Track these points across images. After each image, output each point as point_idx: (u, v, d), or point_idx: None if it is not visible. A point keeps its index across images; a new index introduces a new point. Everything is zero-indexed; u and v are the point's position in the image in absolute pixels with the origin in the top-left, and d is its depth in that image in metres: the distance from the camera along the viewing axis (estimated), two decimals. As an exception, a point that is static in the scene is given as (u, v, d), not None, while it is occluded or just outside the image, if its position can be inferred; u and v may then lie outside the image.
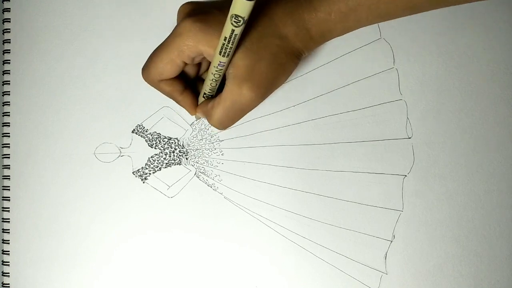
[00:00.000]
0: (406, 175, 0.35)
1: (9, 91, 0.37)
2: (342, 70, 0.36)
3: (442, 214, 0.35)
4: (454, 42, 0.35)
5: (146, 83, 0.30)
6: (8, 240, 0.36)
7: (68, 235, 0.36)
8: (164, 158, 0.36)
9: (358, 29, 0.36)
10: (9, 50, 0.37)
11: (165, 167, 0.36)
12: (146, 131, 0.36)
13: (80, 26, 0.37)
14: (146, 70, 0.30)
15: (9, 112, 0.37)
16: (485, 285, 0.35)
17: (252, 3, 0.23)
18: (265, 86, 0.29)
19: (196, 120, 0.36)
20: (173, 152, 0.36)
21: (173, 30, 0.29)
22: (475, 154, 0.35)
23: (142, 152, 0.36)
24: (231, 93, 0.28)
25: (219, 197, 0.36)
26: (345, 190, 0.35)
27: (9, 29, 0.37)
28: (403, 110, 0.35)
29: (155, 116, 0.36)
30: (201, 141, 0.36)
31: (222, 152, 0.36)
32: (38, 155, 0.37)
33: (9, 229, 0.36)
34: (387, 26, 0.35)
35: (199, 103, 0.32)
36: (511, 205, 0.35)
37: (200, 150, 0.36)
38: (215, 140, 0.36)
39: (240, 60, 0.28)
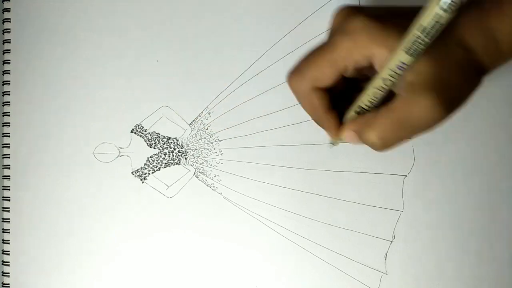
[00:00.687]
0: (406, 175, 0.35)
1: (9, 91, 0.37)
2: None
3: (443, 214, 0.35)
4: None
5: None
6: (8, 240, 0.36)
7: (68, 235, 0.36)
8: (163, 158, 0.36)
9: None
10: (9, 50, 0.37)
11: (164, 167, 0.36)
12: (145, 131, 0.36)
13: (80, 26, 0.37)
14: (298, 72, 0.25)
15: (9, 112, 0.37)
16: (486, 285, 0.35)
17: None
18: (453, 102, 0.23)
19: (330, 147, 0.32)
20: (172, 152, 0.36)
21: (338, 29, 0.24)
22: (475, 154, 0.35)
23: (141, 152, 0.36)
24: (406, 103, 0.23)
25: (218, 197, 0.36)
26: (345, 190, 0.35)
27: (9, 29, 0.37)
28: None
29: (154, 115, 0.36)
30: (200, 140, 0.36)
31: (221, 152, 0.36)
32: (38, 155, 0.37)
33: (9, 229, 0.37)
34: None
35: (347, 120, 0.27)
36: (511, 205, 0.35)
37: (199, 150, 0.36)
38: (214, 140, 0.36)
39: (424, 65, 0.22)
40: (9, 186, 0.37)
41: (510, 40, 0.24)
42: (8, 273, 0.36)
